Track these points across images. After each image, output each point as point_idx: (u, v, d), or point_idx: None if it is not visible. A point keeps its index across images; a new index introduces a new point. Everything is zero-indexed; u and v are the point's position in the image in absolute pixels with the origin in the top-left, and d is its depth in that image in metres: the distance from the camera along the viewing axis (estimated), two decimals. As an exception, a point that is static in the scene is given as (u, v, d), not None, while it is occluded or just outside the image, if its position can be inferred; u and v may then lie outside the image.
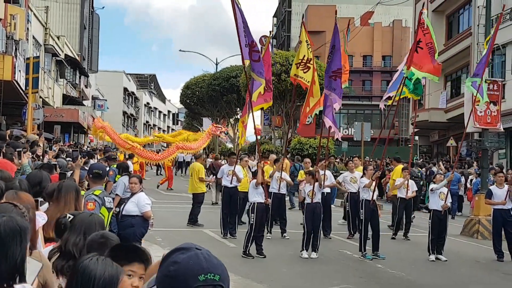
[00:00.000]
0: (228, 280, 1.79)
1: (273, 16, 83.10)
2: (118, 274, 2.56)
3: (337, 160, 23.90)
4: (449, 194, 12.61)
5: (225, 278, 1.78)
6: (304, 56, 12.59)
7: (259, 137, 29.99)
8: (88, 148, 32.14)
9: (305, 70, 12.60)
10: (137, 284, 2.92)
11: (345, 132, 57.50)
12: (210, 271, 1.75)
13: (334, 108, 12.27)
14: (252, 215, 11.50)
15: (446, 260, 11.93)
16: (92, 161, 17.79)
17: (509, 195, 12.50)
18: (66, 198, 4.88)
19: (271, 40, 61.29)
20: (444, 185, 12.40)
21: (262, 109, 13.78)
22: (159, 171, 40.75)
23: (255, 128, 14.57)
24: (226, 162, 17.57)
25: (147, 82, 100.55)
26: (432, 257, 12.00)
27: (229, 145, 54.36)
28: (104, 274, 2.50)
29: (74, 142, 39.91)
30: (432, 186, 13.01)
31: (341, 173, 16.79)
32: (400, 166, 16.29)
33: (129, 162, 17.67)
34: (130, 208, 8.69)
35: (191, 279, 1.73)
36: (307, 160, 16.84)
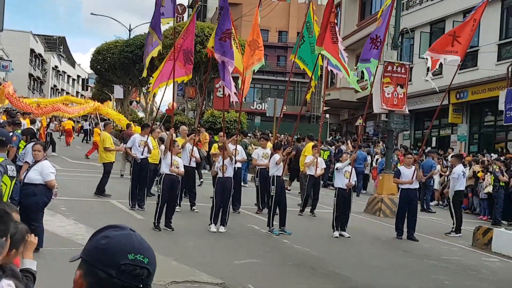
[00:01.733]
0: (155, 266, 1.78)
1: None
2: None
3: (248, 136, 23.96)
4: (354, 173, 12.99)
5: (152, 263, 1.77)
6: None
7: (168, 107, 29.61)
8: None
9: None
10: None
11: (259, 107, 57.96)
12: (141, 252, 1.74)
13: (229, 71, 12.14)
14: (160, 186, 11.42)
15: (349, 237, 12.34)
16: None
17: (416, 175, 13.04)
18: None
19: (187, 10, 60.38)
20: (348, 164, 12.75)
21: (182, 81, 13.62)
22: (85, 138, 40.09)
23: (172, 106, 14.30)
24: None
25: (56, 44, 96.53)
26: (336, 233, 12.37)
27: (141, 114, 53.45)
28: None
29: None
30: (337, 165, 13.37)
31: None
32: (311, 143, 16.59)
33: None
34: (33, 176, 8.36)
35: (120, 255, 1.72)
36: (221, 134, 16.80)
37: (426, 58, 13.37)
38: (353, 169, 13.00)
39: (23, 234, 3.23)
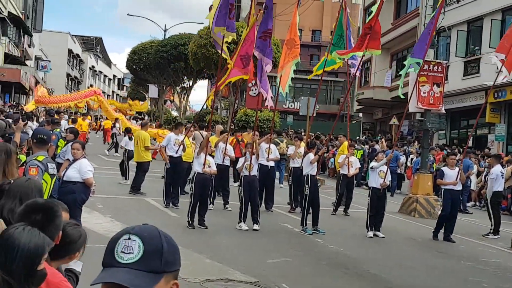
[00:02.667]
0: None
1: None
2: (44, 244, 2.52)
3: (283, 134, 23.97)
4: (388, 172, 12.86)
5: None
6: None
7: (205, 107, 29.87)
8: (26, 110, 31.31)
9: None
10: None
11: (291, 105, 57.87)
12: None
13: (266, 71, 12.30)
14: (192, 185, 11.51)
15: (384, 237, 12.23)
16: (30, 123, 17.38)
17: (459, 176, 12.84)
18: None
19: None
20: (384, 163, 12.64)
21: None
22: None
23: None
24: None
25: (93, 45, 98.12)
26: (370, 233, 12.28)
27: (175, 113, 53.89)
28: (29, 244, 2.45)
29: (15, 102, 38.76)
30: (372, 164, 13.25)
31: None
32: (347, 142, 16.48)
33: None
34: (72, 174, 8.51)
35: None
36: (256, 133, 16.83)
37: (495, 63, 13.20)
38: (388, 168, 12.87)
39: (85, 237, 3.29)
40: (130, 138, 18.30)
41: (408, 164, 23.46)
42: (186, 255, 8.65)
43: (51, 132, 11.83)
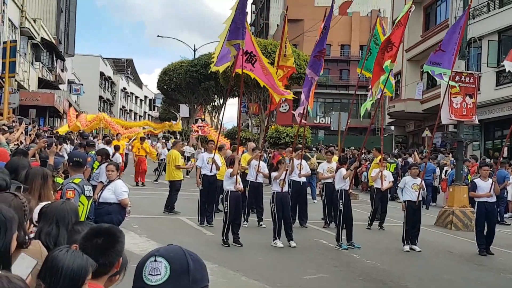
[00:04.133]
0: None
1: (252, 3, 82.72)
2: (87, 265, 2.59)
3: (313, 149, 23.97)
4: (424, 184, 12.71)
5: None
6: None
7: (232, 125, 30.06)
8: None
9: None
10: None
11: (322, 120, 57.77)
12: None
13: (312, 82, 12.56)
14: (226, 203, 11.57)
15: (420, 251, 12.09)
16: (65, 146, 17.69)
17: (493, 188, 12.59)
18: (32, 185, 4.83)
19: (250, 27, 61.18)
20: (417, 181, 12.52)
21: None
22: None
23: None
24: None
25: (124, 67, 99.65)
26: (407, 247, 12.15)
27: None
28: (73, 265, 2.53)
29: (49, 126, 39.50)
30: (399, 185, 13.12)
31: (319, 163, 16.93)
32: (380, 156, 16.36)
33: (108, 148, 17.57)
34: (107, 195, 8.66)
35: None
36: (289, 149, 16.82)
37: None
38: (422, 180, 12.70)
39: (126, 261, 3.34)
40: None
41: (443, 176, 23.18)
42: (222, 273, 8.68)
43: (86, 154, 12.07)
